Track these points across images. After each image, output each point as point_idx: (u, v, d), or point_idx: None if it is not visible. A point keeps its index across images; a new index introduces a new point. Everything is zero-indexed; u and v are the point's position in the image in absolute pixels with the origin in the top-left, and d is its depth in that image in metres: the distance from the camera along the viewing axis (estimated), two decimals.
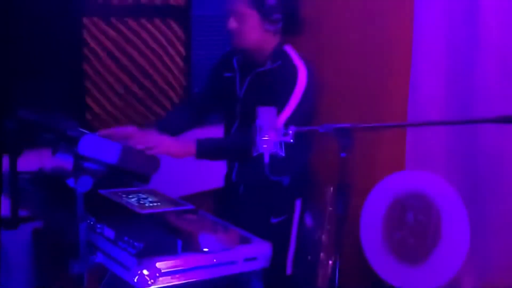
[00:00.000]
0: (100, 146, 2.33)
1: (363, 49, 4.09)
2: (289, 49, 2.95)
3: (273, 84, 2.87)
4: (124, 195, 2.70)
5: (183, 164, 2.88)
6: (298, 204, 3.03)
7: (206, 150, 2.78)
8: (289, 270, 2.99)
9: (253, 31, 2.86)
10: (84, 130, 2.43)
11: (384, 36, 3.98)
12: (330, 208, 2.80)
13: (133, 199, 2.65)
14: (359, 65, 4.12)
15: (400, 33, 3.90)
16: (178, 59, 4.30)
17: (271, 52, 2.93)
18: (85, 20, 3.78)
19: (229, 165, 3.13)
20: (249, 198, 3.05)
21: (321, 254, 2.91)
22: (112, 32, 3.92)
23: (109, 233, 2.31)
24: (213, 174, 3.25)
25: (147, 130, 2.88)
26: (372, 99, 4.03)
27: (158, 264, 2.13)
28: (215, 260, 2.27)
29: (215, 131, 3.14)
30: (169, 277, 2.16)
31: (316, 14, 4.22)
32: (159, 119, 3.88)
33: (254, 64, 2.96)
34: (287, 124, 2.39)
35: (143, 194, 2.76)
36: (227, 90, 3.04)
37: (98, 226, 2.35)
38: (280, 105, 2.71)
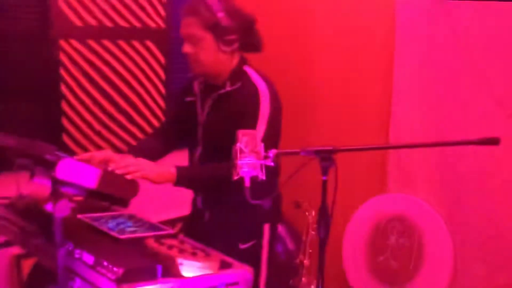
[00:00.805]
0: (78, 171, 2.30)
1: (344, 70, 4.11)
2: (249, 70, 2.90)
3: (234, 107, 2.82)
4: (103, 220, 2.67)
5: (163, 189, 2.85)
6: (266, 228, 2.98)
7: (185, 179, 2.75)
8: None
9: (209, 54, 2.81)
10: (62, 154, 2.39)
11: (365, 57, 4.00)
12: (313, 232, 2.79)
13: (112, 224, 2.62)
14: (340, 87, 4.14)
15: (381, 54, 3.92)
16: (157, 81, 4.28)
17: (230, 74, 2.87)
18: (62, 42, 3.75)
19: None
20: (215, 225, 3.00)
21: (303, 279, 2.88)
22: (89, 54, 3.89)
23: (88, 258, 2.27)
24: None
25: (124, 154, 2.85)
26: (353, 121, 4.04)
27: None
28: (196, 285, 2.24)
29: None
30: None
31: (296, 31, 4.25)
32: (133, 145, 3.85)
33: (214, 87, 2.91)
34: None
35: (122, 218, 2.73)
36: (189, 115, 3.00)
37: (77, 251, 2.32)
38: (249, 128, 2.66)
